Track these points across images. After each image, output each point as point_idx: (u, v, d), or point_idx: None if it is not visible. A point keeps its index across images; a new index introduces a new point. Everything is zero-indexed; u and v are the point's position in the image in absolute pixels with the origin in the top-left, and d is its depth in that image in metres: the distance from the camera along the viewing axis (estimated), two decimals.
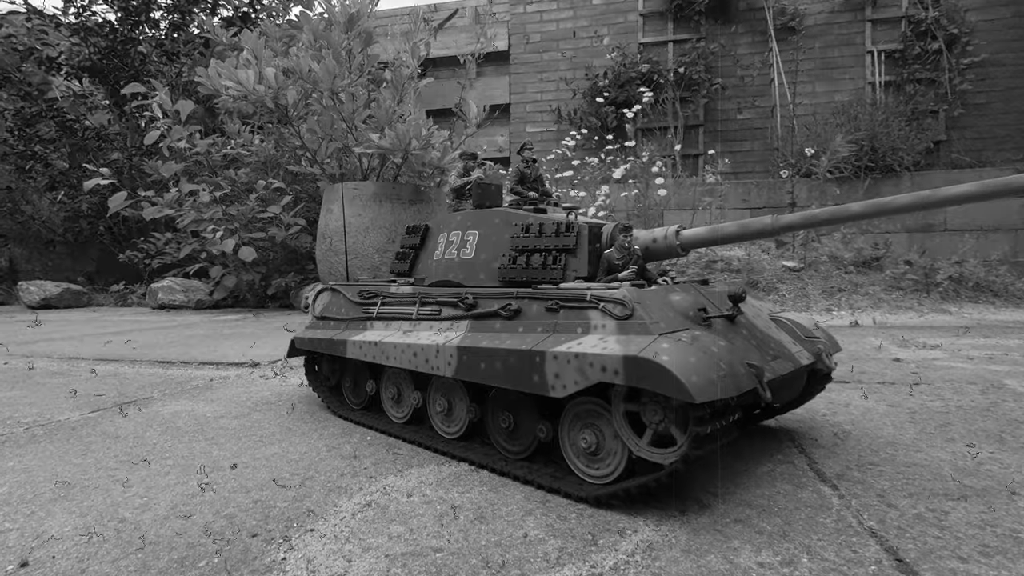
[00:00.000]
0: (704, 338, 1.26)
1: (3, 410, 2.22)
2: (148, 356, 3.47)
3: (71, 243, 9.54)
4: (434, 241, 2.03)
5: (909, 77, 8.11)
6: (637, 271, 1.57)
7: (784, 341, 1.56)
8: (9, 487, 1.44)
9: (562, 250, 1.62)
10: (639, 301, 1.32)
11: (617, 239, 1.60)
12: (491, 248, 1.79)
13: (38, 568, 1.05)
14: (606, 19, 9.48)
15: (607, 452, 1.32)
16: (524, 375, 1.36)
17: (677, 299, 1.42)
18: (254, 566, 1.04)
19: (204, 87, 5.04)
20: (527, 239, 1.68)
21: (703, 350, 1.18)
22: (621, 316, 1.30)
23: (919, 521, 1.19)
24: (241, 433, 1.87)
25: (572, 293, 1.41)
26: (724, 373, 1.15)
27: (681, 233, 1.59)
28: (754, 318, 1.58)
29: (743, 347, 1.39)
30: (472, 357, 1.49)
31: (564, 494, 1.33)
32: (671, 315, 1.35)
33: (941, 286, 5.34)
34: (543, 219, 1.70)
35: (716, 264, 6.15)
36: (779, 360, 1.44)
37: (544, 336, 1.40)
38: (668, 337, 1.22)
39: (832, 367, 1.63)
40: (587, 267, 1.60)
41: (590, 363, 1.23)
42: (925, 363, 2.88)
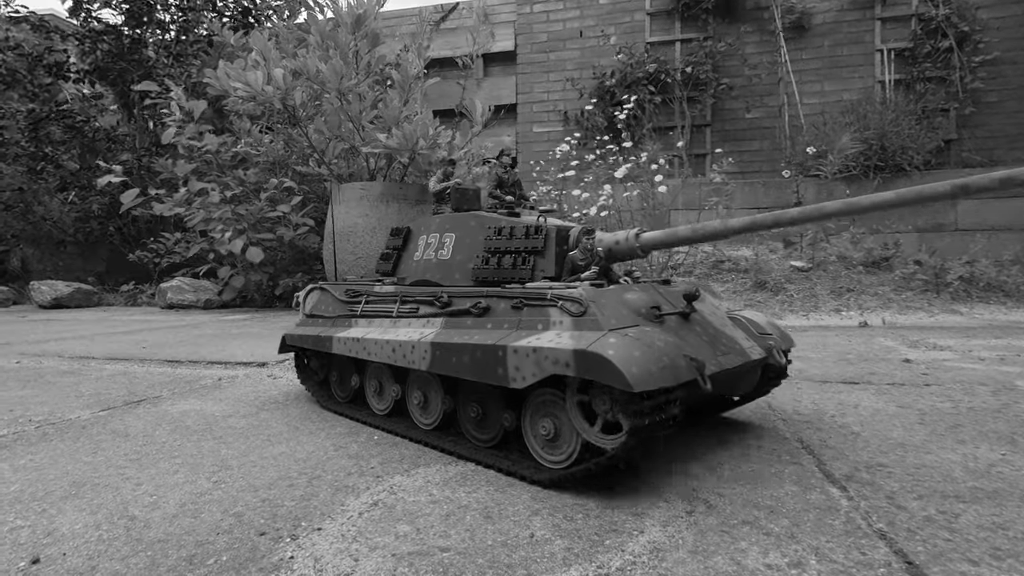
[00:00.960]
0: (650, 333, 1.35)
1: (15, 408, 2.25)
2: (157, 355, 3.50)
3: (82, 243, 9.63)
4: (415, 243, 2.13)
5: (919, 75, 8.04)
6: (599, 271, 1.68)
7: (737, 337, 1.64)
8: (21, 485, 1.45)
9: (531, 252, 1.73)
10: (594, 299, 1.41)
11: (580, 242, 1.72)
12: (466, 249, 1.90)
13: (49, 565, 1.06)
14: (613, 18, 9.46)
15: (564, 440, 1.43)
16: (489, 368, 1.45)
17: (632, 297, 1.51)
18: (262, 564, 1.05)
19: (213, 88, 5.08)
20: (499, 241, 1.80)
21: (646, 344, 1.28)
22: (577, 313, 1.39)
23: (929, 523, 1.18)
24: (249, 432, 1.88)
25: (535, 292, 1.52)
26: (664, 365, 1.24)
27: (641, 236, 1.66)
28: (710, 316, 1.67)
29: (694, 342, 1.48)
30: (444, 352, 1.58)
31: (520, 477, 1.44)
32: (624, 312, 1.43)
33: (952, 286, 5.29)
34: (514, 222, 1.82)
35: (724, 264, 6.12)
36: (729, 355, 1.52)
37: (508, 332, 1.50)
38: (616, 332, 1.31)
39: (782, 362, 1.72)
40: (554, 267, 1.70)
41: (545, 356, 1.33)
42: (935, 364, 2.85)
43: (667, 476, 1.44)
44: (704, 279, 5.90)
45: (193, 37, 8.50)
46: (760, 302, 5.32)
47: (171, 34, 8.72)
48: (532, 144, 9.89)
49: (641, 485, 1.39)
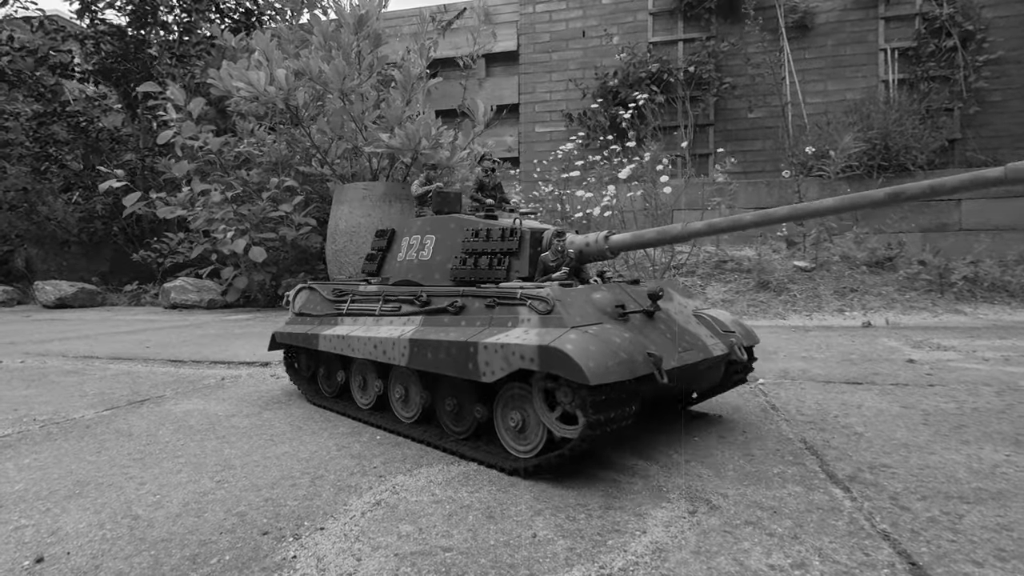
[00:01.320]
0: (610, 330, 1.43)
1: (19, 408, 2.26)
2: (161, 355, 3.51)
3: (85, 243, 9.66)
4: (399, 244, 2.22)
5: (923, 75, 8.01)
6: (570, 272, 1.77)
7: (701, 334, 1.72)
8: (25, 484, 1.46)
9: (506, 253, 1.82)
10: (560, 299, 1.49)
11: (552, 244, 1.80)
12: (446, 251, 1.99)
13: (53, 564, 1.06)
14: (615, 18, 9.45)
15: (531, 431, 1.50)
16: (462, 363, 1.54)
17: (598, 296, 1.58)
18: (265, 564, 1.05)
19: (216, 88, 5.09)
20: (476, 243, 1.88)
21: (604, 340, 1.35)
22: (544, 311, 1.47)
23: (933, 524, 1.17)
24: (252, 432, 1.88)
25: (507, 292, 1.59)
26: (620, 360, 1.32)
27: (610, 238, 1.73)
28: (676, 313, 1.75)
29: (656, 339, 1.55)
30: (422, 348, 1.67)
31: (488, 464, 1.54)
32: (589, 311, 1.51)
33: (956, 286, 5.27)
34: (491, 225, 1.89)
35: (727, 264, 6.11)
36: (691, 351, 1.61)
37: (481, 329, 1.57)
38: (578, 329, 1.39)
39: (743, 358, 1.79)
40: (528, 268, 1.78)
41: (513, 352, 1.41)
42: (939, 364, 2.84)
43: (670, 476, 1.44)
44: (707, 279, 5.89)
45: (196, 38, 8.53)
46: (763, 302, 5.31)
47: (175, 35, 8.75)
48: (534, 144, 9.89)
49: (643, 485, 1.39)
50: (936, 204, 6.88)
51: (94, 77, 8.94)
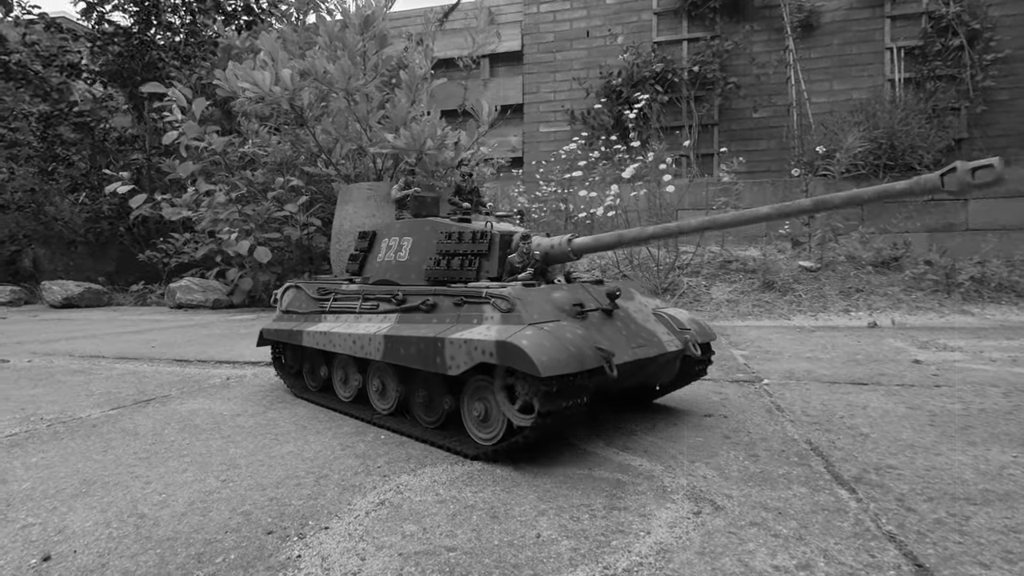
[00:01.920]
0: (564, 327, 1.53)
1: (27, 407, 2.27)
2: (166, 355, 3.53)
3: (92, 244, 9.72)
4: (379, 245, 2.34)
5: (930, 74, 7.96)
6: (535, 272, 1.88)
7: (658, 331, 1.82)
8: (32, 482, 1.47)
9: (477, 254, 1.93)
10: (521, 297, 1.60)
11: (518, 246, 1.91)
12: (421, 252, 2.09)
13: (60, 562, 1.07)
14: (620, 18, 9.44)
15: (493, 420, 1.60)
16: (430, 357, 1.64)
17: (557, 296, 1.69)
18: (269, 563, 1.05)
19: (222, 89, 5.11)
20: (450, 244, 1.99)
21: (556, 336, 1.45)
22: (505, 309, 1.58)
23: (939, 526, 1.17)
24: (257, 431, 1.89)
25: (473, 291, 1.71)
26: (571, 354, 1.41)
27: (573, 241, 1.83)
28: (635, 312, 1.86)
29: (612, 335, 1.66)
30: (395, 344, 1.77)
31: (452, 450, 1.65)
32: (548, 309, 1.62)
33: (963, 286, 5.24)
34: (464, 228, 1.99)
35: (731, 264, 6.10)
36: (645, 347, 1.70)
37: (449, 326, 1.68)
38: (534, 326, 1.50)
39: (697, 353, 1.87)
40: (497, 269, 1.90)
41: (475, 347, 1.51)
42: (946, 365, 2.83)
43: (674, 477, 1.44)
44: (711, 279, 5.87)
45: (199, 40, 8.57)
46: (768, 302, 5.29)
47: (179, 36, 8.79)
48: (539, 144, 9.89)
49: (648, 486, 1.38)
50: (943, 204, 6.84)
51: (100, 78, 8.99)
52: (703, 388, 2.41)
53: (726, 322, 4.79)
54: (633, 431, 1.82)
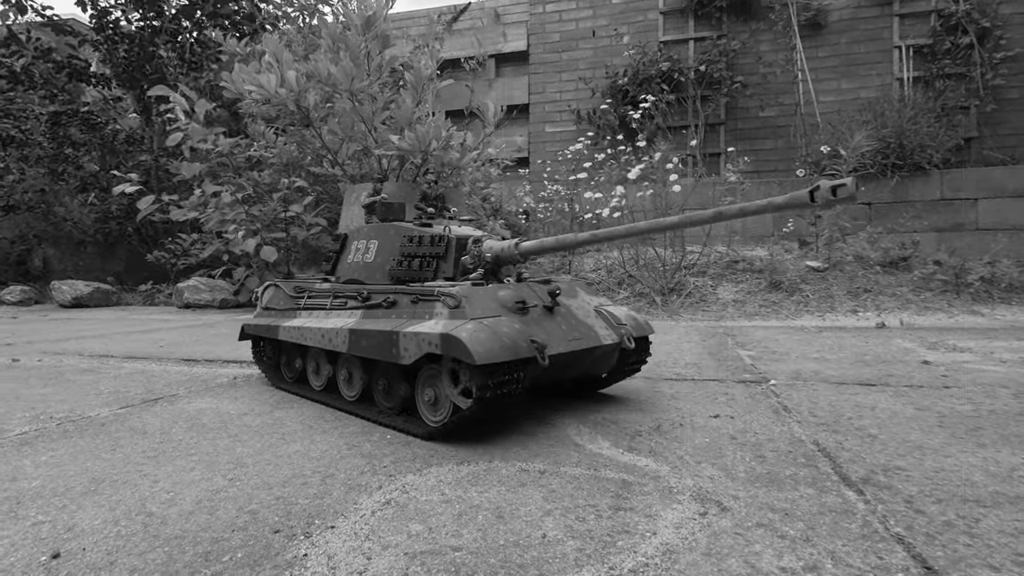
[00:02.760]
0: (502, 321, 1.71)
1: (37, 406, 2.29)
2: (174, 354, 3.55)
3: (101, 244, 9.79)
4: (349, 248, 2.51)
5: (939, 72, 7.90)
6: (485, 272, 2.05)
7: (596, 326, 1.97)
8: (42, 480, 1.48)
9: (435, 256, 2.11)
10: (467, 295, 1.77)
11: (471, 249, 2.08)
12: (386, 254, 2.28)
13: (69, 560, 1.08)
14: (626, 17, 9.42)
15: (441, 404, 1.78)
16: (387, 349, 1.81)
17: (503, 294, 1.85)
18: (276, 561, 1.06)
19: (229, 91, 5.14)
20: (411, 247, 2.18)
21: (492, 329, 1.63)
22: (452, 306, 1.75)
23: (948, 528, 1.16)
24: (264, 430, 1.90)
25: (427, 289, 1.88)
26: (505, 345, 1.59)
27: (520, 245, 2.00)
28: (576, 309, 2.01)
29: (550, 329, 1.82)
30: (358, 337, 1.94)
31: (404, 431, 1.83)
32: (491, 305, 1.78)
33: (972, 287, 5.20)
34: (424, 232, 2.17)
35: (738, 264, 6.07)
36: (581, 340, 1.86)
37: (404, 321, 1.85)
38: (476, 321, 1.66)
39: (631, 346, 2.01)
40: (452, 269, 2.09)
41: (423, 339, 1.67)
42: (955, 366, 2.80)
43: (680, 477, 1.43)
44: (718, 279, 5.85)
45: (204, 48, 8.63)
46: (775, 303, 5.27)
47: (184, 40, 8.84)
48: (545, 144, 9.88)
49: (654, 486, 1.38)
50: (952, 204, 6.78)
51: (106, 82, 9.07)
52: (709, 389, 2.41)
53: (732, 322, 4.77)
54: (639, 431, 1.82)
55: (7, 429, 1.97)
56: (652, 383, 2.53)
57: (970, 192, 6.76)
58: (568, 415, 2.02)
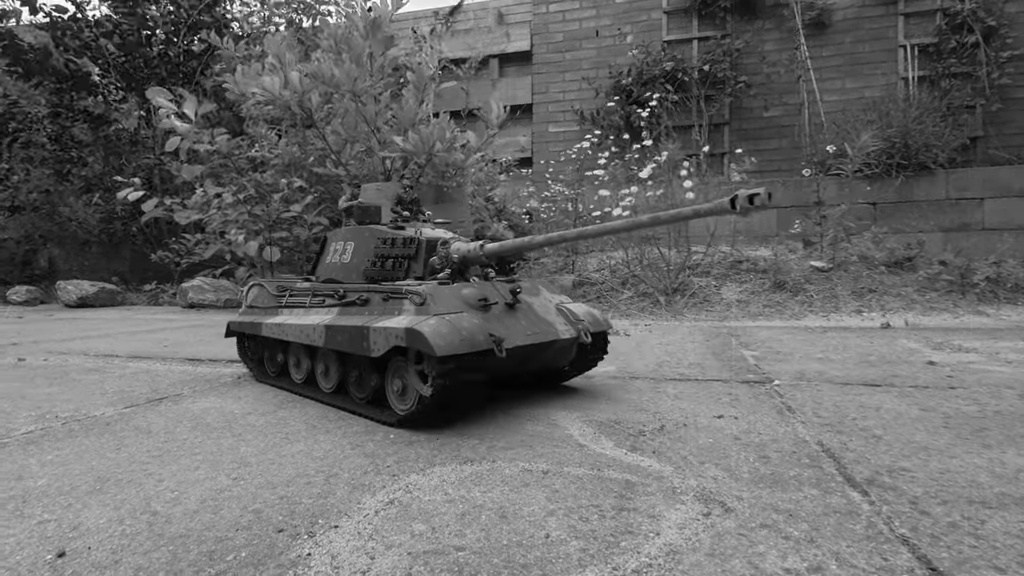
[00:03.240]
0: (464, 317, 1.84)
1: (42, 405, 2.30)
2: (179, 354, 3.56)
3: (105, 244, 9.84)
4: (328, 249, 2.65)
5: (944, 72, 7.86)
6: (452, 273, 2.18)
7: (556, 322, 2.11)
8: (48, 479, 1.49)
9: (406, 257, 2.25)
10: (432, 293, 1.90)
11: (438, 250, 2.22)
12: (361, 255, 2.41)
13: (74, 558, 1.08)
14: (629, 17, 9.41)
15: (409, 393, 1.90)
16: (359, 342, 1.94)
17: (466, 292, 1.98)
18: (280, 561, 1.06)
19: (232, 92, 5.15)
20: (384, 249, 2.30)
21: (452, 323, 1.77)
22: (418, 303, 1.88)
23: (954, 529, 1.15)
24: (268, 430, 1.90)
25: (397, 288, 2.00)
26: (463, 338, 1.73)
27: (484, 247, 2.12)
28: (537, 306, 2.15)
29: (510, 324, 1.96)
30: (333, 332, 2.08)
31: (373, 419, 1.97)
32: (455, 302, 1.91)
33: (978, 287, 5.17)
34: (396, 234, 2.30)
35: (742, 264, 6.06)
36: (539, 334, 2.00)
37: (375, 317, 1.99)
38: (439, 316, 1.80)
39: (588, 341, 2.13)
40: (422, 269, 2.22)
41: (390, 333, 1.81)
42: (961, 366, 2.79)
43: (684, 478, 1.43)
44: (722, 279, 5.84)
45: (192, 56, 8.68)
46: (779, 303, 5.25)
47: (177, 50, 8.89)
48: (548, 144, 9.88)
49: (657, 487, 1.38)
50: (958, 204, 6.75)
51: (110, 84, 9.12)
52: (713, 389, 2.40)
53: (736, 322, 4.76)
54: (642, 432, 1.82)
55: (13, 428, 1.98)
56: (656, 383, 2.52)
57: (976, 192, 6.73)
58: (571, 415, 2.02)
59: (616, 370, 2.83)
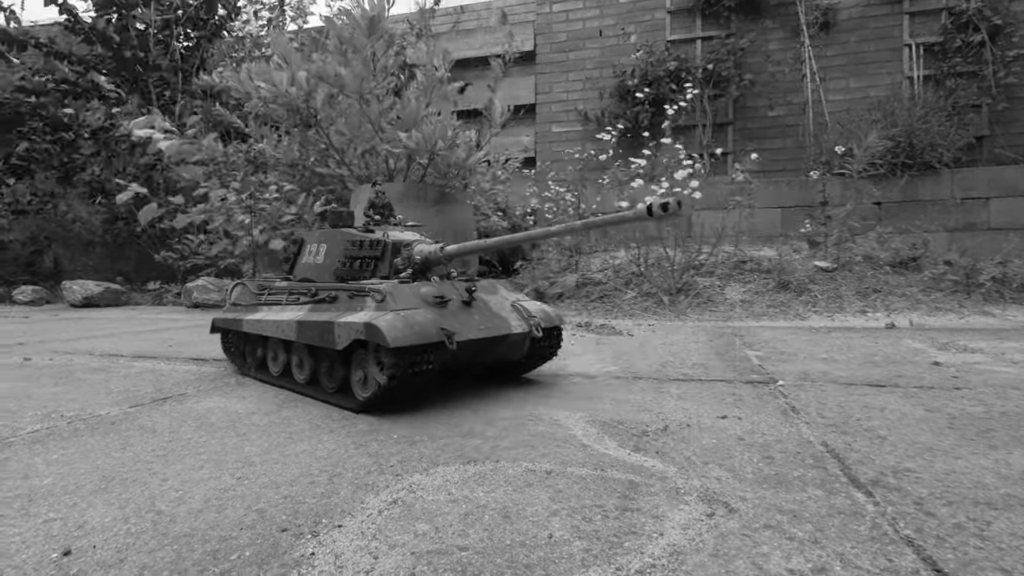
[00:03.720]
0: (419, 312, 2.01)
1: (48, 404, 2.32)
2: (183, 353, 3.58)
3: (110, 244, 9.88)
4: (304, 250, 2.84)
5: (950, 71, 7.83)
6: (414, 273, 2.34)
7: (510, 318, 2.28)
8: (53, 478, 1.50)
9: (373, 258, 2.43)
10: (391, 291, 2.07)
11: (401, 252, 2.38)
12: (332, 256, 2.59)
13: (80, 557, 1.09)
14: (633, 17, 9.40)
15: (370, 382, 2.05)
16: (325, 336, 2.12)
17: (424, 290, 2.15)
18: (284, 560, 1.06)
19: (237, 90, 5.17)
20: (353, 250, 2.48)
21: (408, 318, 1.95)
22: (379, 300, 2.05)
23: (959, 531, 1.14)
24: (272, 429, 1.91)
25: (360, 286, 2.17)
26: (416, 331, 1.91)
27: (444, 249, 2.31)
28: (493, 303, 2.31)
29: (464, 319, 2.12)
30: (304, 327, 2.26)
31: (339, 405, 2.15)
32: (413, 300, 2.09)
33: (983, 287, 5.15)
34: (364, 237, 2.47)
35: (746, 264, 6.04)
36: (491, 328, 2.16)
37: (340, 313, 2.15)
38: (395, 312, 1.98)
39: (539, 335, 2.29)
40: (388, 270, 2.38)
41: (351, 327, 1.99)
42: (966, 367, 2.78)
43: (687, 478, 1.43)
44: (726, 280, 5.82)
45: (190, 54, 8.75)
46: (783, 303, 5.24)
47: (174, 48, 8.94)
48: (551, 144, 9.88)
49: (661, 487, 1.38)
50: (963, 204, 6.72)
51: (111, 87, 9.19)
52: (717, 389, 2.40)
53: (740, 323, 4.75)
54: (645, 432, 1.81)
55: (19, 427, 1.99)
56: (659, 384, 2.52)
57: (982, 191, 6.70)
58: (575, 416, 2.02)
59: (619, 370, 2.83)
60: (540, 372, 2.77)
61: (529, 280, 6.37)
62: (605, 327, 4.31)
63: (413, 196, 5.34)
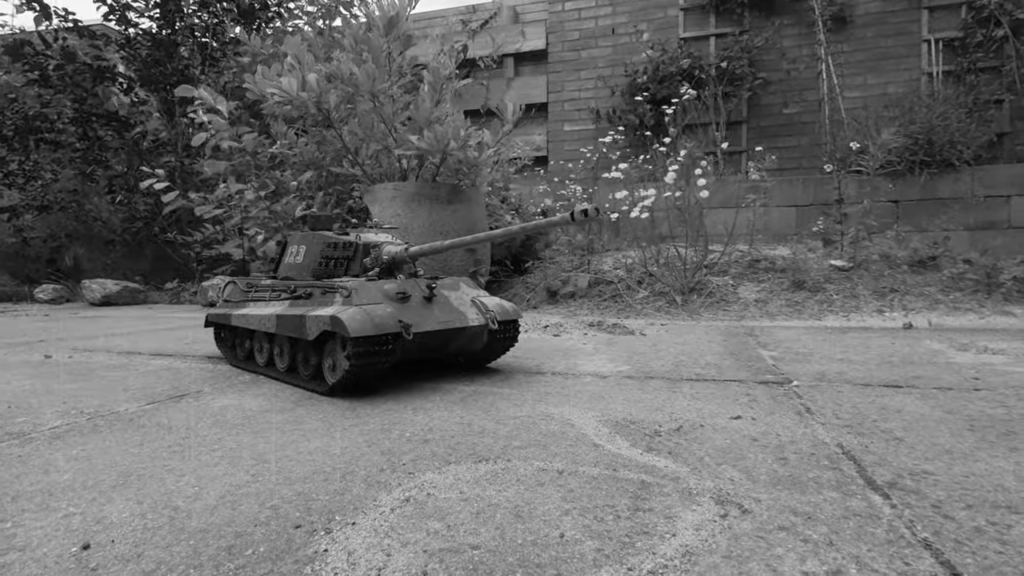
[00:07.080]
0: (380, 307, 2.23)
1: (68, 400, 2.36)
2: (199, 351, 3.62)
3: (129, 243, 10.03)
4: (287, 251, 3.10)
5: (970, 66, 7.68)
6: (381, 271, 2.57)
7: (468, 312, 2.47)
8: (73, 474, 1.52)
9: (346, 259, 2.67)
10: (356, 288, 2.28)
11: (370, 252, 2.60)
12: (311, 257, 2.87)
13: (99, 551, 1.11)
14: (646, 14, 9.34)
15: (338, 369, 2.26)
16: (299, 328, 2.36)
17: (387, 287, 2.35)
18: (297, 556, 1.07)
19: (252, 92, 5.22)
20: (328, 251, 2.75)
21: (367, 311, 2.16)
22: (345, 296, 2.27)
23: (978, 534, 1.12)
24: (286, 427, 1.92)
25: (331, 284, 2.40)
26: (376, 323, 2.12)
27: (409, 249, 2.53)
28: (453, 299, 2.51)
29: (423, 313, 2.33)
30: (282, 321, 2.49)
31: (310, 389, 2.40)
32: (376, 296, 2.29)
33: (1004, 286, 5.05)
34: (339, 239, 2.72)
35: (760, 263, 5.98)
36: (450, 321, 2.37)
37: (312, 307, 2.38)
38: (358, 306, 2.19)
39: (494, 327, 2.50)
40: (358, 269, 2.62)
41: (319, 320, 2.22)
42: (986, 368, 2.73)
43: (700, 479, 1.42)
44: (739, 279, 5.77)
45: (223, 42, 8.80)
46: (798, 302, 5.18)
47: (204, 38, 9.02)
48: (563, 143, 9.85)
49: (673, 487, 1.37)
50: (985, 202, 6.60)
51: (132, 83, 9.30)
52: (730, 390, 2.38)
53: (754, 322, 4.71)
54: (658, 432, 1.81)
55: (40, 423, 2.03)
56: (672, 383, 2.51)
57: (1003, 189, 6.57)
58: (587, 415, 2.02)
59: (632, 370, 2.82)
60: (552, 371, 2.77)
61: (541, 279, 6.36)
62: (617, 326, 4.30)
63: (426, 195, 5.36)
